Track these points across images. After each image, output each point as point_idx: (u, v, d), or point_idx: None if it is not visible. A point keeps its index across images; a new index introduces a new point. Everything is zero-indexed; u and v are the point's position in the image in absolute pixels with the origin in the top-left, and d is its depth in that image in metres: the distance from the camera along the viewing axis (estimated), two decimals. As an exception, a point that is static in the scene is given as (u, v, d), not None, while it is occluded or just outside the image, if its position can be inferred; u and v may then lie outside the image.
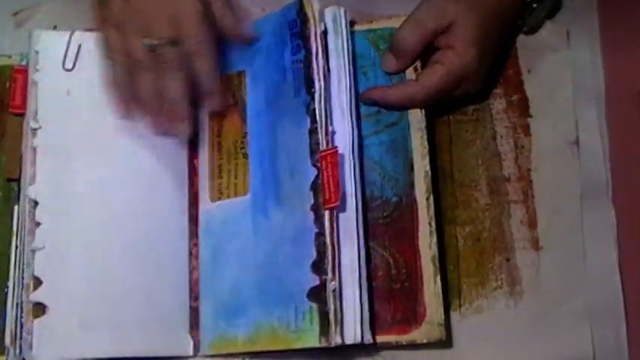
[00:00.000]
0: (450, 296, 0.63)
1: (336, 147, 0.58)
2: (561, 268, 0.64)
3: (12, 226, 0.60)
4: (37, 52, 0.62)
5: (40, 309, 0.56)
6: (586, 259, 0.64)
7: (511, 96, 0.67)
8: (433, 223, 0.61)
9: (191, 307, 0.61)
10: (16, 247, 0.59)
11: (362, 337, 0.56)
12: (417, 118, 0.62)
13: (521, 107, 0.67)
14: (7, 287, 0.59)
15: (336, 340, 0.54)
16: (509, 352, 0.62)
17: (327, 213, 0.57)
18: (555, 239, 0.64)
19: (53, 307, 0.56)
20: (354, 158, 0.60)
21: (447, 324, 0.61)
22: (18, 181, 0.61)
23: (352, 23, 0.65)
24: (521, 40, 0.68)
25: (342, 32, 0.62)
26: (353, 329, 0.56)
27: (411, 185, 0.62)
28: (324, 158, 0.57)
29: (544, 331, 0.62)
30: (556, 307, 0.63)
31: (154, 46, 0.57)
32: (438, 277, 0.59)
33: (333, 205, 0.57)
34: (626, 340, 0.62)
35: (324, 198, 0.57)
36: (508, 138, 0.66)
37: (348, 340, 0.56)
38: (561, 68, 0.67)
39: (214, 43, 0.60)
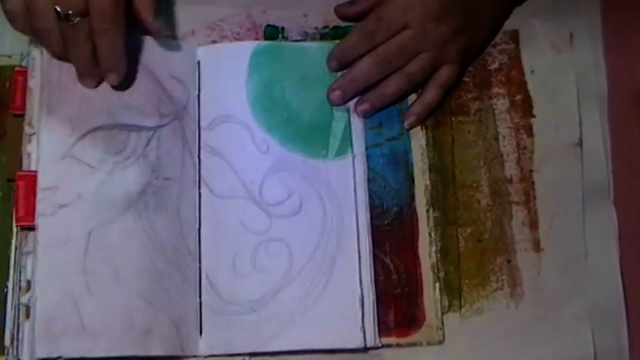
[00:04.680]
0: (450, 297, 0.63)
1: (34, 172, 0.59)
2: (562, 270, 0.64)
3: (12, 226, 0.60)
4: (34, 58, 0.61)
5: (28, 311, 0.58)
6: (587, 260, 0.64)
7: (514, 96, 0.67)
8: (433, 234, 0.63)
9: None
10: (16, 248, 0.59)
11: (365, 340, 0.59)
12: (417, 135, 0.65)
13: (525, 107, 0.67)
14: (7, 287, 0.59)
15: None
16: (509, 354, 0.62)
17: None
18: (556, 241, 0.64)
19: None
20: (363, 164, 0.63)
21: (448, 325, 0.62)
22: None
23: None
24: (525, 40, 0.68)
25: None
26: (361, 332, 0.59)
27: (412, 196, 0.64)
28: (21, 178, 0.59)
29: (545, 333, 0.62)
30: (557, 309, 0.63)
31: (65, 15, 0.55)
32: (437, 284, 0.62)
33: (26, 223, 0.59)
34: (627, 342, 0.63)
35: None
36: (510, 139, 0.66)
37: (352, 344, 0.59)
38: (565, 69, 0.67)
39: (123, 23, 0.57)
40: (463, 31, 0.64)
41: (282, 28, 0.67)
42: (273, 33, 0.67)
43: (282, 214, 0.62)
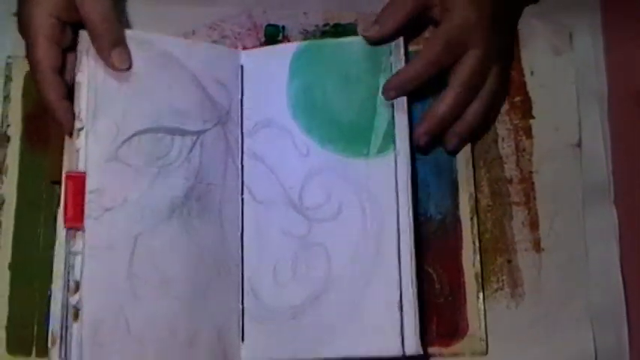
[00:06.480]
0: (451, 297, 0.63)
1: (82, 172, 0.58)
2: (563, 270, 0.64)
3: (56, 229, 0.59)
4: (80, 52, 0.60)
5: (76, 313, 0.56)
6: (588, 260, 0.64)
7: (514, 97, 0.67)
8: (477, 242, 0.62)
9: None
10: (67, 250, 0.58)
11: (404, 348, 0.57)
12: None
13: (524, 109, 0.67)
14: (50, 290, 0.57)
15: None
16: (510, 354, 0.62)
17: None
18: (557, 241, 0.64)
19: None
20: (406, 161, 0.60)
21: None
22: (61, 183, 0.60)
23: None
24: (525, 40, 0.68)
25: (400, 57, 0.62)
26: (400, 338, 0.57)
27: (456, 205, 0.63)
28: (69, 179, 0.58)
29: (545, 333, 0.62)
30: (557, 309, 0.63)
31: None
32: (481, 294, 0.62)
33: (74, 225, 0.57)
34: (627, 342, 0.63)
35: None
36: (509, 141, 0.66)
37: (391, 352, 0.57)
38: (564, 70, 0.67)
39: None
40: (509, 41, 0.65)
41: (283, 27, 0.67)
42: (273, 32, 0.67)
43: (321, 217, 0.61)
